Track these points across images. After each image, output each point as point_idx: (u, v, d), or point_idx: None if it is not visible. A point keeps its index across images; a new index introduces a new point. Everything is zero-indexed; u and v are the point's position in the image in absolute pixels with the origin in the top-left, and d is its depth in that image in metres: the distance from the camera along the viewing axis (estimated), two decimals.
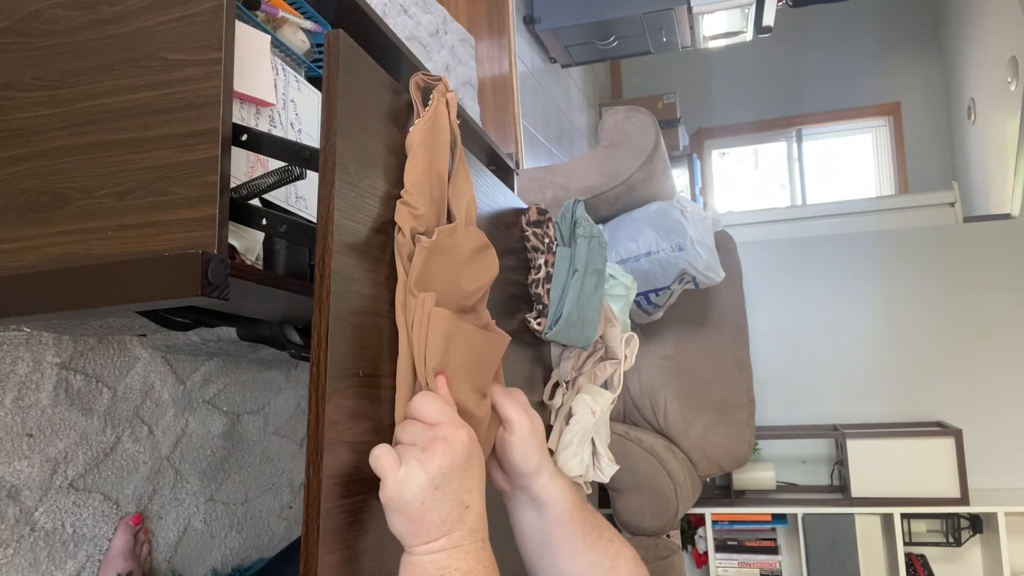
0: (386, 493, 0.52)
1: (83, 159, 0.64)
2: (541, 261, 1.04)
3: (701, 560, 2.99)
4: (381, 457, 0.54)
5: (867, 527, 2.80)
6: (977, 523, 2.83)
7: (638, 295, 2.09)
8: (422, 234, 0.61)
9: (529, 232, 1.06)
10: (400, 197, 0.62)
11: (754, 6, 3.32)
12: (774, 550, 2.90)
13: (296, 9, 0.92)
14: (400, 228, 0.61)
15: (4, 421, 0.89)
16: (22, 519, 0.91)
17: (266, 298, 0.76)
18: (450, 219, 0.67)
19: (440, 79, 0.67)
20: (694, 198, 4.61)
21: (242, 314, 0.93)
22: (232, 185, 0.63)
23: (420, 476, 0.52)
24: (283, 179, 0.67)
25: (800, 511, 2.87)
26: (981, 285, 3.05)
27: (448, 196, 0.67)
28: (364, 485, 0.56)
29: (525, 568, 0.73)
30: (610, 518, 2.21)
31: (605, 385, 1.20)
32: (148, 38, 0.64)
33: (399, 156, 0.66)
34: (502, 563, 0.58)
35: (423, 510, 0.52)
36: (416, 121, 0.64)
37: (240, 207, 0.65)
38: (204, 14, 0.62)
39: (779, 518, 2.93)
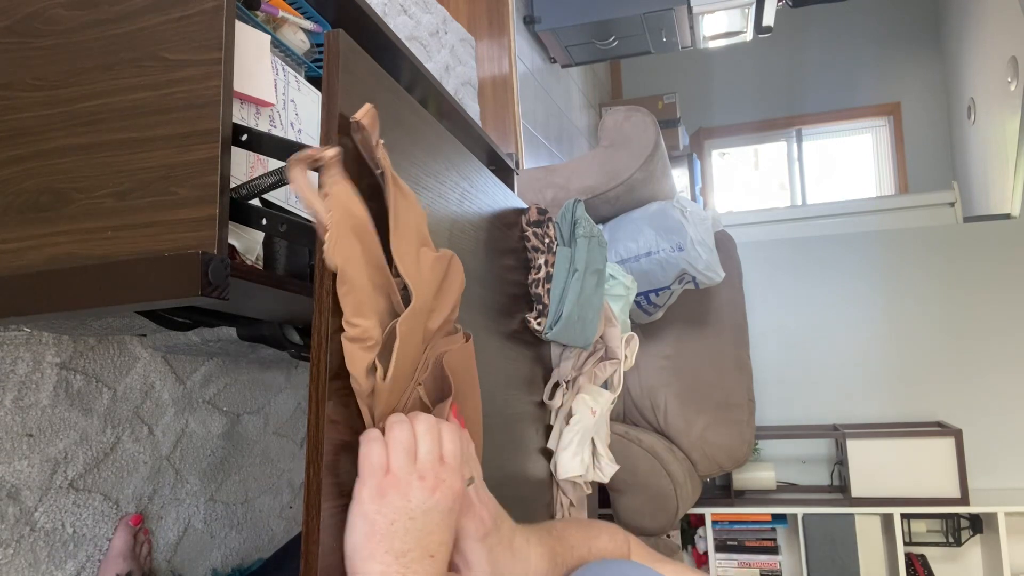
0: (362, 494, 0.50)
1: (83, 159, 0.64)
2: (541, 261, 1.04)
3: (701, 560, 2.99)
4: (372, 455, 0.51)
5: (867, 527, 2.80)
6: (977, 523, 2.83)
7: (638, 295, 2.09)
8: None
9: (529, 232, 1.06)
10: (342, 330, 0.53)
11: (754, 6, 3.32)
12: (774, 550, 2.90)
13: (296, 9, 0.92)
14: (354, 376, 0.53)
15: (4, 421, 0.89)
16: (22, 519, 0.91)
17: (266, 298, 0.76)
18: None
19: (322, 154, 0.52)
20: (694, 198, 4.61)
21: (242, 314, 0.93)
22: (232, 185, 0.63)
23: (399, 496, 0.50)
24: (283, 179, 0.67)
25: (800, 511, 2.87)
26: (981, 285, 3.05)
27: (395, 261, 0.57)
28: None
29: None
30: (610, 518, 2.21)
31: (605, 385, 1.20)
32: (148, 38, 0.64)
33: (400, 156, 0.66)
34: None
35: (391, 530, 0.49)
36: (327, 239, 0.51)
37: (240, 207, 0.65)
38: (204, 14, 0.62)
39: (779, 518, 2.92)
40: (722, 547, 2.94)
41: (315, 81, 0.89)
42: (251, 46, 0.75)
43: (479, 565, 0.58)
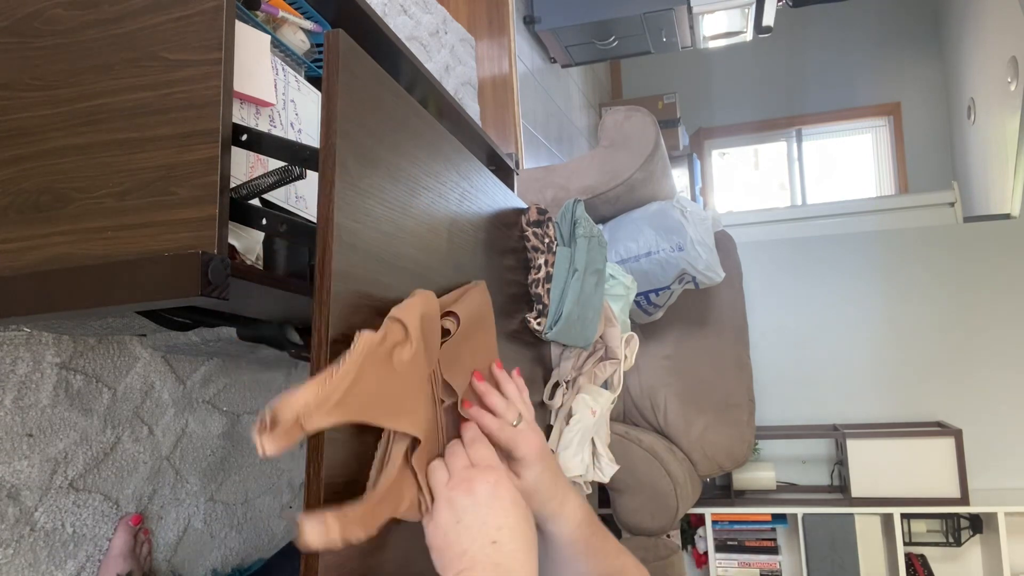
0: (424, 525, 0.58)
1: (83, 159, 0.64)
2: (541, 261, 1.04)
3: (701, 560, 2.99)
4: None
5: (867, 527, 2.80)
6: (977, 523, 2.83)
7: (638, 295, 2.09)
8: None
9: (529, 232, 1.06)
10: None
11: (754, 6, 3.32)
12: (774, 550, 2.90)
13: (296, 9, 0.92)
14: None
15: (4, 421, 0.89)
16: (22, 519, 0.90)
17: (266, 298, 0.76)
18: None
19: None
20: (694, 198, 4.61)
21: (242, 314, 0.93)
22: (232, 185, 0.63)
23: (444, 510, 0.57)
24: (283, 179, 0.67)
25: (800, 511, 2.87)
26: (981, 285, 3.05)
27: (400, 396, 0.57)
28: (364, 485, 0.56)
29: None
30: (610, 518, 2.21)
31: (605, 385, 1.20)
32: (148, 38, 0.64)
33: (400, 156, 0.66)
34: None
35: (447, 541, 0.56)
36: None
37: (240, 207, 0.65)
38: (204, 14, 0.62)
39: (779, 518, 2.92)
40: (722, 547, 2.94)
41: (315, 81, 0.89)
42: (251, 46, 0.75)
43: (527, 476, 0.67)
